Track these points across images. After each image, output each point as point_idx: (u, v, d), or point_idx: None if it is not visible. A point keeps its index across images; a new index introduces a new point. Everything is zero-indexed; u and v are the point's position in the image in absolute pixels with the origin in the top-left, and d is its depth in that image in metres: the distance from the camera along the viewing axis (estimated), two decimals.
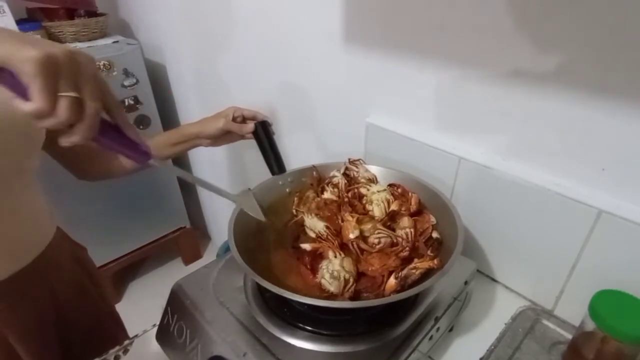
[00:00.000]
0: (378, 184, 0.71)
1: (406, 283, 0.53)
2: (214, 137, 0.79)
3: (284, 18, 1.00)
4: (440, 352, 0.63)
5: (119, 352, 0.66)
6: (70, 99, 0.37)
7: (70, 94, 0.37)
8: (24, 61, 0.35)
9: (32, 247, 0.72)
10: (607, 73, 0.52)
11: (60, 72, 0.37)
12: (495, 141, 0.68)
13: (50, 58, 0.36)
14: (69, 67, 0.37)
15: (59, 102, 0.37)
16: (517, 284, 0.72)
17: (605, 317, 0.49)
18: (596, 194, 0.57)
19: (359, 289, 0.55)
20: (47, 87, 0.36)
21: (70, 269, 0.82)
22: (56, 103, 0.37)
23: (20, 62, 0.35)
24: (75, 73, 0.38)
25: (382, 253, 0.58)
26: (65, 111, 0.37)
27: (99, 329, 0.89)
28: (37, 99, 0.36)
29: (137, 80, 1.66)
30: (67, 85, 0.37)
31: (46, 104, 0.36)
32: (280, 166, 0.74)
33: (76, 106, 0.38)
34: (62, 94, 0.37)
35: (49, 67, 0.36)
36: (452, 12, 0.64)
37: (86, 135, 0.40)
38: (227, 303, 0.60)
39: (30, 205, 0.71)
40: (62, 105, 0.37)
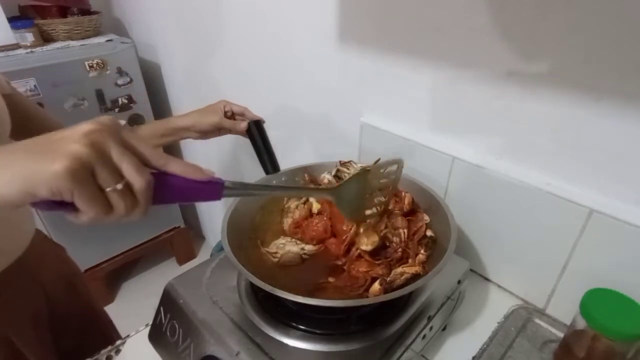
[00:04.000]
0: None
1: (391, 288, 0.53)
2: (206, 131, 0.78)
3: (278, 18, 0.99)
4: (433, 351, 0.63)
5: (111, 352, 0.66)
6: (119, 189, 0.33)
7: (117, 187, 0.33)
8: (51, 181, 0.30)
9: (13, 245, 0.71)
10: (598, 74, 0.52)
11: (94, 168, 0.32)
12: (488, 141, 0.68)
13: (77, 162, 0.31)
14: (99, 157, 0.32)
15: (110, 197, 0.33)
16: (510, 283, 0.73)
17: (596, 315, 0.49)
18: (587, 193, 0.58)
19: (338, 285, 0.55)
20: (90, 194, 0.32)
21: (58, 269, 0.82)
22: (107, 199, 0.33)
23: (47, 184, 0.30)
24: (109, 158, 0.33)
25: (372, 260, 0.58)
26: (121, 204, 0.33)
27: (91, 329, 0.88)
28: (87, 209, 0.32)
29: (130, 79, 1.65)
30: (108, 176, 0.32)
31: (99, 208, 0.33)
32: (274, 166, 0.74)
33: (127, 190, 0.34)
34: (109, 189, 0.33)
35: (81, 173, 0.31)
36: (446, 13, 0.65)
37: (147, 208, 0.35)
38: (220, 302, 0.60)
39: None
40: (115, 200, 0.33)
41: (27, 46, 1.45)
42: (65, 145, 0.31)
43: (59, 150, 0.31)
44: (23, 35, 1.44)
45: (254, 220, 0.68)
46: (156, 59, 1.74)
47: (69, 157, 0.31)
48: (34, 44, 1.46)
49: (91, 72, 1.54)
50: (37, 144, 0.33)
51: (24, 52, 1.42)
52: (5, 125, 0.64)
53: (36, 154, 0.32)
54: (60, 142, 0.32)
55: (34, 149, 0.32)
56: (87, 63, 1.52)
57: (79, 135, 0.32)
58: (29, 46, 1.45)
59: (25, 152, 0.32)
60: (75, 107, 1.55)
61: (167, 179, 0.36)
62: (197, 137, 0.80)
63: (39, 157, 0.31)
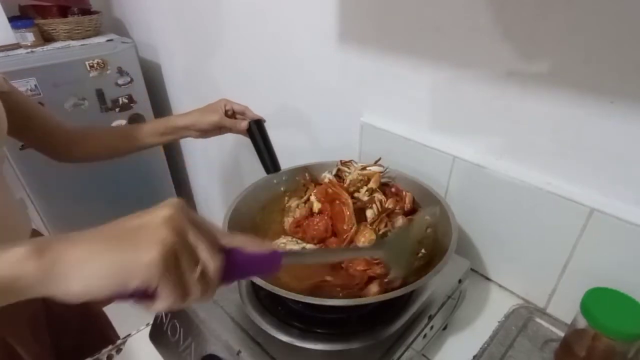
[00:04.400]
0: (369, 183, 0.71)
1: (390, 287, 0.52)
2: (206, 130, 0.79)
3: (278, 17, 0.99)
4: (434, 350, 0.63)
5: (112, 352, 0.66)
6: (197, 274, 0.32)
7: (197, 272, 0.32)
8: (145, 271, 0.30)
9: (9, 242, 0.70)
10: (599, 74, 0.52)
11: (178, 255, 0.31)
12: (488, 141, 0.68)
13: (167, 249, 0.30)
14: (183, 243, 0.32)
15: (189, 282, 0.32)
16: (511, 283, 0.73)
17: (597, 314, 0.49)
18: (588, 193, 0.58)
19: (335, 284, 0.55)
20: (175, 281, 0.31)
21: None
22: (186, 285, 0.32)
23: (141, 274, 0.30)
24: (189, 243, 0.32)
25: (370, 259, 0.58)
26: (197, 288, 0.32)
27: (90, 330, 0.88)
28: (169, 296, 0.31)
29: (131, 79, 1.65)
30: (190, 262, 0.32)
31: (179, 294, 0.31)
32: (274, 165, 0.74)
33: (203, 274, 0.33)
34: (190, 275, 0.32)
35: (171, 261, 0.31)
36: (446, 13, 0.65)
37: (215, 290, 0.34)
38: (221, 302, 0.60)
39: (3, 199, 0.68)
40: (193, 285, 0.32)
41: (28, 46, 1.45)
42: (153, 233, 0.31)
43: (147, 239, 0.31)
44: (23, 35, 1.44)
45: (255, 220, 0.68)
46: (156, 59, 1.74)
47: (160, 245, 0.30)
48: (34, 43, 1.46)
49: (92, 72, 1.54)
50: (119, 233, 0.32)
51: (25, 51, 1.42)
52: (2, 124, 0.64)
53: (123, 243, 0.31)
54: (146, 230, 0.31)
55: (118, 238, 0.31)
56: (88, 63, 1.52)
57: (162, 220, 0.31)
58: (30, 46, 1.45)
59: (108, 243, 0.31)
60: (76, 107, 1.55)
61: (233, 257, 0.35)
62: (197, 136, 0.80)
63: (128, 247, 0.30)
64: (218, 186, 1.79)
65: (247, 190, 0.68)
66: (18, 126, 0.66)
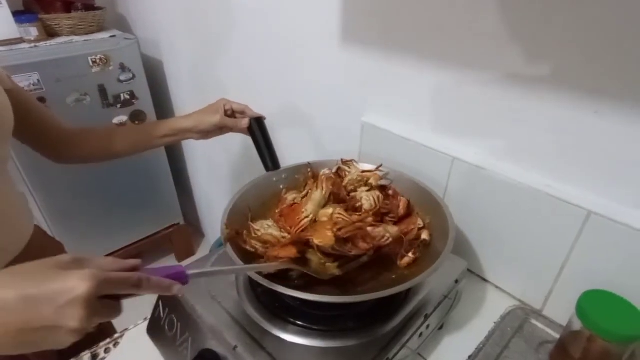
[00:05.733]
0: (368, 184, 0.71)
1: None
2: (207, 132, 0.79)
3: (282, 17, 1.00)
4: (429, 350, 0.63)
5: (110, 345, 0.66)
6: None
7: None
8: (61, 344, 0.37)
9: (12, 242, 0.70)
10: (600, 77, 0.52)
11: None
12: (488, 142, 0.69)
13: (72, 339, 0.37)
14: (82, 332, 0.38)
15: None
16: (507, 284, 0.73)
17: (592, 316, 0.50)
18: (586, 195, 0.58)
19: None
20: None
21: None
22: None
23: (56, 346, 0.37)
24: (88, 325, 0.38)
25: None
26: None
27: None
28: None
29: (133, 76, 1.65)
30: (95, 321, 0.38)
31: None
32: (274, 162, 0.75)
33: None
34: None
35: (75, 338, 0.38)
36: (450, 14, 0.65)
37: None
38: (218, 297, 0.60)
39: (6, 197, 0.69)
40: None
41: (31, 40, 1.45)
42: (58, 340, 0.37)
43: (54, 344, 0.37)
44: (27, 29, 1.44)
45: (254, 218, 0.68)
46: (159, 56, 1.74)
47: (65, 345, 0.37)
48: (37, 38, 1.46)
49: (94, 68, 1.54)
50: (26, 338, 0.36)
51: (28, 46, 1.42)
52: (9, 123, 0.64)
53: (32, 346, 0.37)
54: (53, 337, 0.36)
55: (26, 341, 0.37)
56: (90, 58, 1.52)
57: (68, 332, 0.36)
58: (33, 40, 1.45)
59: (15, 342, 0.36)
60: (78, 102, 1.55)
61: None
62: (199, 137, 0.80)
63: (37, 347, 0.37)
64: (218, 184, 1.80)
65: (246, 187, 0.69)
66: (18, 125, 0.66)
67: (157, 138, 0.80)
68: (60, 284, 0.35)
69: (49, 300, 0.35)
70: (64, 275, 0.36)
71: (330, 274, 0.54)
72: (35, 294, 0.35)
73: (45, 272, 0.37)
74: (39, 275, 0.36)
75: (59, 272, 0.36)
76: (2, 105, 0.62)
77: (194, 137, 0.80)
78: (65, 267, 0.37)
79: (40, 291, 0.35)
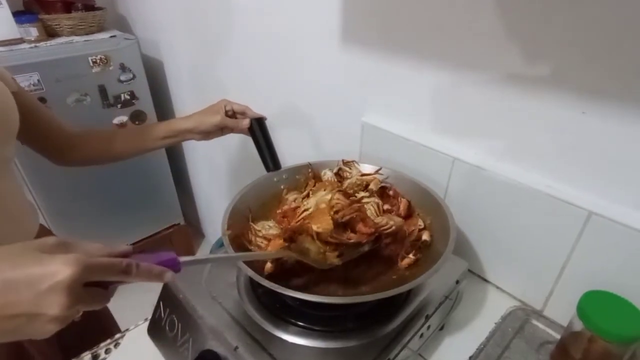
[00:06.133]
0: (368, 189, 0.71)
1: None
2: (208, 132, 0.79)
3: (281, 17, 1.00)
4: (430, 350, 0.63)
5: (110, 345, 0.66)
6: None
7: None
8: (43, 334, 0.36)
9: (18, 239, 0.71)
10: (599, 77, 0.52)
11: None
12: (489, 142, 0.68)
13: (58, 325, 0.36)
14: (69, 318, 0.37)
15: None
16: (508, 285, 0.73)
17: (593, 317, 0.50)
18: (586, 195, 0.58)
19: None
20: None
21: None
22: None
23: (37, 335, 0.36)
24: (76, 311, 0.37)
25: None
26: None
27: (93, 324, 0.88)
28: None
29: (133, 76, 1.65)
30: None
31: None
32: (275, 163, 0.75)
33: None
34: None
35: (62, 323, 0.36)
36: (450, 14, 0.65)
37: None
38: (219, 298, 0.60)
39: (12, 197, 0.69)
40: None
41: (31, 41, 1.45)
42: (39, 329, 0.35)
43: (35, 333, 0.35)
44: (27, 29, 1.44)
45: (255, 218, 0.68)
46: (159, 56, 1.74)
47: (47, 334, 0.36)
48: (38, 38, 1.46)
49: (94, 68, 1.54)
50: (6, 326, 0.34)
51: (28, 46, 1.42)
52: (14, 124, 0.65)
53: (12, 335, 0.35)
54: (32, 325, 0.34)
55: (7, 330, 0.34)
56: (91, 59, 1.52)
57: (49, 320, 0.34)
58: (33, 41, 1.46)
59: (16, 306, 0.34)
60: (78, 103, 1.55)
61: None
62: (199, 138, 0.80)
63: (18, 335, 0.35)
64: (218, 184, 1.80)
65: (247, 187, 0.69)
66: (22, 127, 0.66)
67: (157, 139, 0.80)
68: (41, 268, 0.33)
69: (28, 284, 0.33)
70: (46, 259, 0.34)
71: (329, 263, 0.53)
72: (13, 277, 0.33)
73: (26, 255, 0.35)
74: (19, 258, 0.34)
75: (41, 256, 0.34)
76: (8, 106, 0.63)
77: (194, 138, 0.80)
78: (48, 250, 0.35)
79: (19, 275, 0.33)
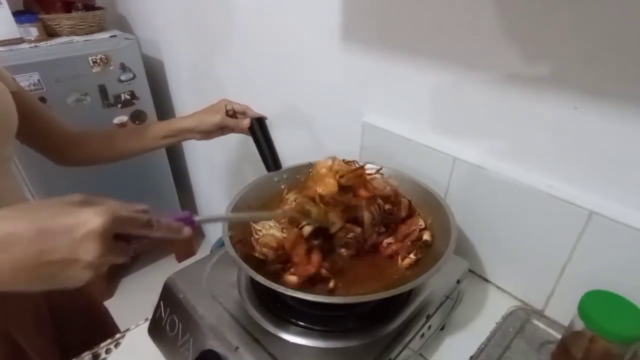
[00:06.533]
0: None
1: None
2: (209, 132, 0.79)
3: (282, 16, 1.00)
4: (431, 350, 0.63)
5: (111, 345, 0.66)
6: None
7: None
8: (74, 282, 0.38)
9: None
10: (600, 77, 0.52)
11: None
12: (489, 142, 0.68)
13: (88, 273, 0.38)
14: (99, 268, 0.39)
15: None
16: (509, 284, 0.73)
17: (594, 316, 0.49)
18: (587, 195, 0.58)
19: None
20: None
21: None
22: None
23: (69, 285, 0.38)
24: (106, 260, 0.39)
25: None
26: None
27: (92, 325, 0.88)
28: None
29: (134, 75, 1.65)
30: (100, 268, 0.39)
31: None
32: (276, 162, 0.75)
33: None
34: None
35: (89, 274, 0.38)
36: (450, 14, 0.65)
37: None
38: (220, 298, 0.60)
39: (11, 196, 0.69)
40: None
41: (31, 40, 1.45)
42: (73, 275, 0.37)
43: (69, 280, 0.37)
44: (27, 29, 1.44)
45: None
46: (159, 56, 1.74)
47: (80, 282, 0.37)
48: (38, 38, 1.47)
49: (94, 68, 1.54)
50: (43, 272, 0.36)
51: (28, 46, 1.42)
52: (13, 124, 0.64)
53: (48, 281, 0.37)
54: (68, 271, 0.36)
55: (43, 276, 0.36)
56: (91, 58, 1.52)
57: (83, 266, 0.36)
58: (33, 41, 1.46)
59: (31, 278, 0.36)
60: (78, 102, 1.55)
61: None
62: (200, 138, 0.80)
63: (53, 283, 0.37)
64: (219, 184, 1.79)
65: (248, 187, 0.69)
66: (21, 126, 0.66)
67: (158, 139, 0.80)
68: (76, 218, 0.35)
69: (64, 232, 0.35)
70: (79, 210, 0.36)
71: (331, 222, 0.57)
72: (51, 226, 0.35)
73: (58, 207, 0.37)
74: (53, 209, 0.36)
75: (73, 208, 0.36)
76: (7, 106, 0.63)
77: (195, 138, 0.80)
78: (77, 204, 0.37)
79: (55, 224, 0.35)
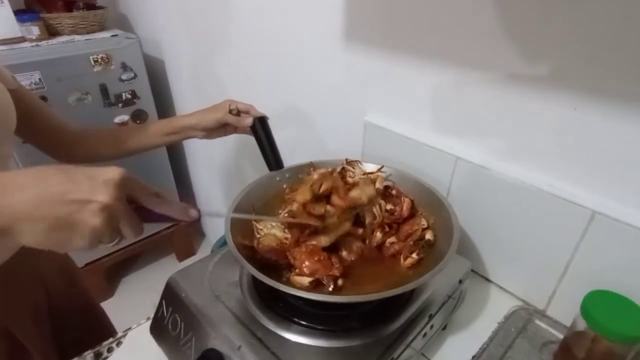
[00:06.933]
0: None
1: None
2: (210, 129, 0.78)
3: (283, 16, 1.00)
4: (433, 350, 0.63)
5: (113, 344, 0.66)
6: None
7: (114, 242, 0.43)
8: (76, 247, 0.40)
9: None
10: (602, 76, 0.52)
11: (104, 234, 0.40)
12: (491, 142, 0.68)
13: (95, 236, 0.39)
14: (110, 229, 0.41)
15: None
16: (511, 284, 0.73)
17: (597, 316, 0.49)
18: (590, 195, 0.58)
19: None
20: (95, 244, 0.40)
21: (57, 262, 0.82)
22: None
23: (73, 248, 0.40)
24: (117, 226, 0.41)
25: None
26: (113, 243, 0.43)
27: (91, 324, 0.88)
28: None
29: (135, 75, 1.65)
30: (111, 238, 0.42)
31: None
32: (277, 162, 0.74)
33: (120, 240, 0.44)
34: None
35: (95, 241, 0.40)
36: (452, 13, 0.65)
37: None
38: (222, 297, 0.60)
39: None
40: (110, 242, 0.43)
41: (33, 39, 1.45)
42: (88, 218, 0.38)
43: (83, 224, 0.38)
44: (29, 28, 1.44)
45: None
46: (160, 55, 1.74)
47: (90, 234, 0.38)
48: (39, 37, 1.46)
49: (95, 67, 1.54)
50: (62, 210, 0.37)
51: (30, 45, 1.42)
52: (12, 122, 0.64)
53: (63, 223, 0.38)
54: (83, 213, 0.38)
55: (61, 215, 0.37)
56: (92, 57, 1.52)
57: (99, 208, 0.38)
58: (35, 39, 1.45)
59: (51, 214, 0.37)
60: (79, 102, 1.55)
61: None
62: (202, 136, 0.80)
63: (66, 228, 0.38)
64: (219, 184, 1.79)
65: (249, 187, 0.69)
66: (22, 124, 0.66)
67: (159, 136, 0.80)
68: (96, 170, 0.40)
69: (87, 177, 0.38)
70: (99, 167, 0.40)
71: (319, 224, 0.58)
72: (77, 172, 0.39)
73: (78, 166, 0.40)
74: (74, 166, 0.40)
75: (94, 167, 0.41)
76: (5, 105, 0.63)
77: (197, 135, 0.80)
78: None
79: (81, 171, 0.39)
